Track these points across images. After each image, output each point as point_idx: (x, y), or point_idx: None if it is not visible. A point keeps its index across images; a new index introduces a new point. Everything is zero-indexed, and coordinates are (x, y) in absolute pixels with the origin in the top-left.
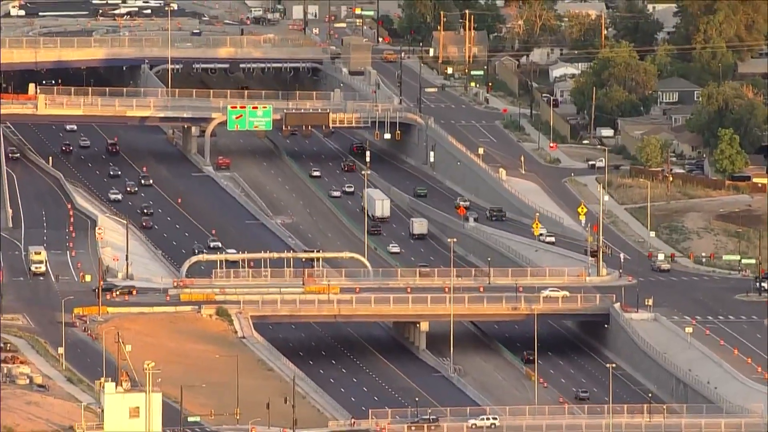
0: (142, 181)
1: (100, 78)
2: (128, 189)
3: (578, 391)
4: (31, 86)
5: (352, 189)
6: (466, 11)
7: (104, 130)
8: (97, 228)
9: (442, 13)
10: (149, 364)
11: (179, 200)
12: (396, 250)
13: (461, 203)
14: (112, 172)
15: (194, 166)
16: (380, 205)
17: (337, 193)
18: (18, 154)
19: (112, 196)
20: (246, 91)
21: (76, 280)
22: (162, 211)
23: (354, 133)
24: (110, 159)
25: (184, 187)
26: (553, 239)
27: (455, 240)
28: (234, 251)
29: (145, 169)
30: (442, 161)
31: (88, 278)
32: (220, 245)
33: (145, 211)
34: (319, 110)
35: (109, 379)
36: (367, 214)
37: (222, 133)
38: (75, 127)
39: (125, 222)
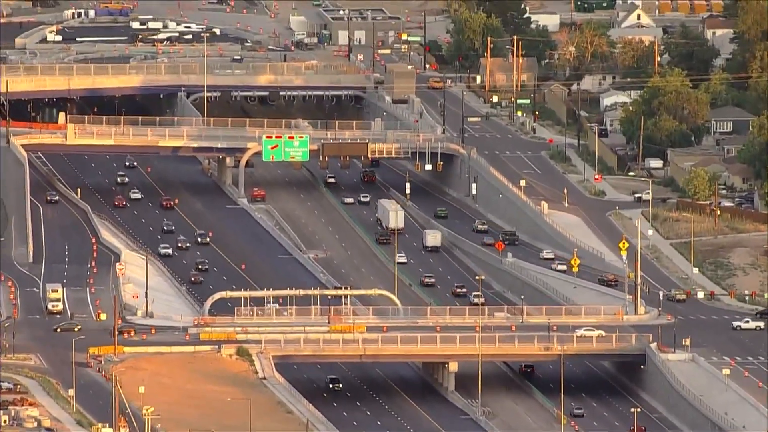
0: (199, 239)
1: (136, 106)
2: (179, 245)
3: (573, 408)
4: (61, 115)
5: (367, 198)
6: (514, 37)
7: (141, 162)
8: (118, 264)
9: (489, 38)
10: (148, 410)
11: (210, 234)
12: (403, 260)
13: (479, 226)
14: (165, 227)
15: (228, 198)
16: (394, 216)
17: (350, 200)
18: (57, 198)
19: (163, 251)
20: (284, 120)
21: (93, 318)
22: (217, 270)
23: (396, 163)
24: (164, 214)
25: (217, 220)
26: (564, 267)
27: (483, 276)
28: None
29: (176, 206)
30: (485, 193)
31: (103, 317)
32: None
33: (200, 267)
34: (358, 140)
35: (106, 424)
36: (380, 225)
37: (259, 163)
38: (127, 179)
39: (150, 257)
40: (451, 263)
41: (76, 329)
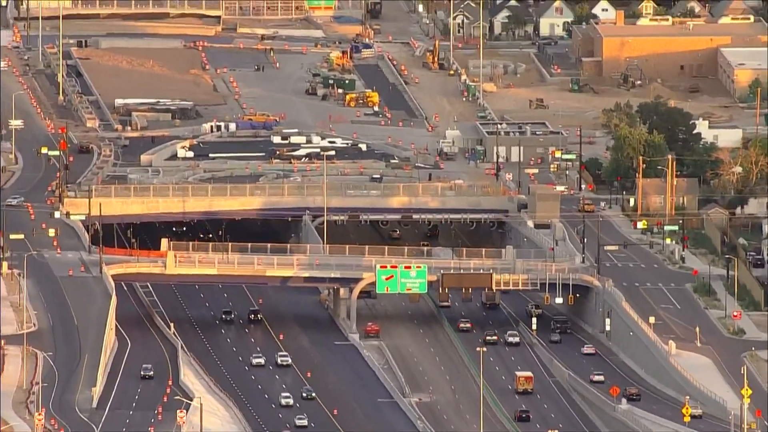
0: None
1: (260, 230)
2: None
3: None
4: (164, 241)
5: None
6: (669, 156)
7: (253, 291)
8: (178, 411)
9: (641, 157)
10: None
11: (308, 374)
12: (446, 304)
13: (534, 311)
14: None
15: (340, 334)
16: None
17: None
18: (152, 373)
19: None
20: (406, 248)
21: None
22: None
23: (535, 295)
24: None
25: (322, 359)
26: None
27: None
28: None
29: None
30: (619, 330)
31: None
32: None
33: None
34: (482, 270)
35: None
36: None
37: (383, 294)
38: (291, 400)
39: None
40: (502, 314)
41: None
